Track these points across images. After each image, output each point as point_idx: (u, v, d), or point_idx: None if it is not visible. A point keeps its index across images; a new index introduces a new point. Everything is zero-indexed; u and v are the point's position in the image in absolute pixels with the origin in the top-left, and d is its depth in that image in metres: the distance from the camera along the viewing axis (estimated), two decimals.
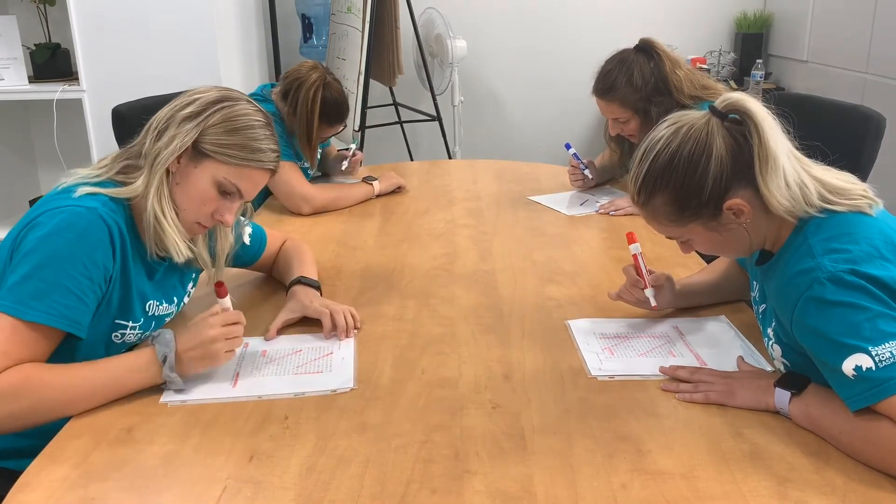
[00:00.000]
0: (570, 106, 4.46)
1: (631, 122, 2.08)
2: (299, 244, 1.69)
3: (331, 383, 1.25)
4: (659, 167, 1.14)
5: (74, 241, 1.16)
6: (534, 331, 1.44)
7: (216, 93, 1.30)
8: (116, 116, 2.20)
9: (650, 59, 2.03)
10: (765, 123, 1.09)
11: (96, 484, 1.00)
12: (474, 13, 4.38)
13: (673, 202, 1.15)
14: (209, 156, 1.26)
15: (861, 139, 1.92)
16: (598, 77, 2.08)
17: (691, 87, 2.00)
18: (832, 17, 3.66)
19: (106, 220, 1.20)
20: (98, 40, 3.05)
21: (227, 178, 1.27)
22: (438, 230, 2.07)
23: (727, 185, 1.12)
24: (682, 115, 1.17)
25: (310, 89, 2.21)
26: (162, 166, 1.25)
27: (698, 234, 1.19)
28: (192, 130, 1.25)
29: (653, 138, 1.17)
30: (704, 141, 1.12)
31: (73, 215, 1.18)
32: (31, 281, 1.12)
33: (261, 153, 1.28)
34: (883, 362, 0.96)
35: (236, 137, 1.26)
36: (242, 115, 1.28)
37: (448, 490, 0.98)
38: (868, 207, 1.10)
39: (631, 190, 1.21)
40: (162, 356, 1.19)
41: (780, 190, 1.09)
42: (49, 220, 1.17)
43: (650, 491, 0.97)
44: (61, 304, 1.14)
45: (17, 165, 3.58)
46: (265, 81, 3.97)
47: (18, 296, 1.12)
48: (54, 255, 1.14)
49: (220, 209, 1.30)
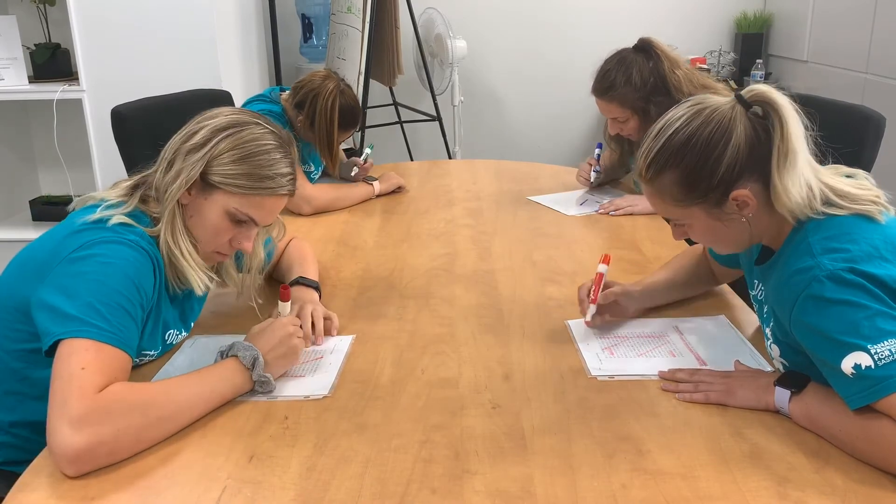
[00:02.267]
0: (571, 106, 4.46)
1: (630, 122, 2.08)
2: (301, 244, 1.69)
3: (306, 389, 1.24)
4: (675, 145, 1.13)
5: (127, 271, 1.15)
6: (534, 331, 1.44)
7: (225, 118, 1.26)
8: (116, 117, 2.20)
9: (649, 59, 2.03)
10: (790, 118, 1.09)
11: (96, 484, 1.00)
12: (474, 13, 4.38)
13: (681, 182, 1.14)
14: (218, 187, 1.24)
15: (861, 139, 1.92)
16: (596, 77, 2.08)
17: (690, 86, 2.00)
18: (832, 17, 3.66)
19: (149, 253, 1.20)
20: (98, 40, 3.05)
21: (237, 209, 1.25)
22: (438, 230, 2.07)
23: (738, 174, 1.11)
24: (705, 98, 1.16)
25: (327, 100, 2.20)
26: (171, 202, 1.23)
27: (698, 220, 1.18)
28: (198, 163, 1.22)
29: (672, 116, 1.16)
30: (726, 126, 1.11)
31: (120, 246, 1.16)
32: (97, 307, 1.09)
33: (270, 180, 1.25)
34: (882, 360, 0.96)
35: (244, 166, 1.23)
36: (250, 140, 1.24)
37: (448, 490, 0.98)
38: (878, 213, 1.09)
39: (640, 164, 1.19)
40: (251, 360, 1.18)
41: (794, 186, 1.08)
42: (99, 251, 1.14)
43: (650, 491, 0.97)
44: (124, 328, 1.12)
45: (17, 165, 3.58)
46: (265, 81, 3.97)
47: (91, 321, 1.08)
48: (113, 283, 1.12)
49: (237, 237, 1.28)
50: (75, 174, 3.47)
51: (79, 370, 1.03)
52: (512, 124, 4.61)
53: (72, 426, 0.98)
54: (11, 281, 1.21)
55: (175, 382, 1.14)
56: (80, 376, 1.03)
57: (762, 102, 1.12)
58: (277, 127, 1.31)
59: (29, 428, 1.23)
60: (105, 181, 3.17)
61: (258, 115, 1.31)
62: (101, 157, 3.15)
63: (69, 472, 0.99)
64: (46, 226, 3.33)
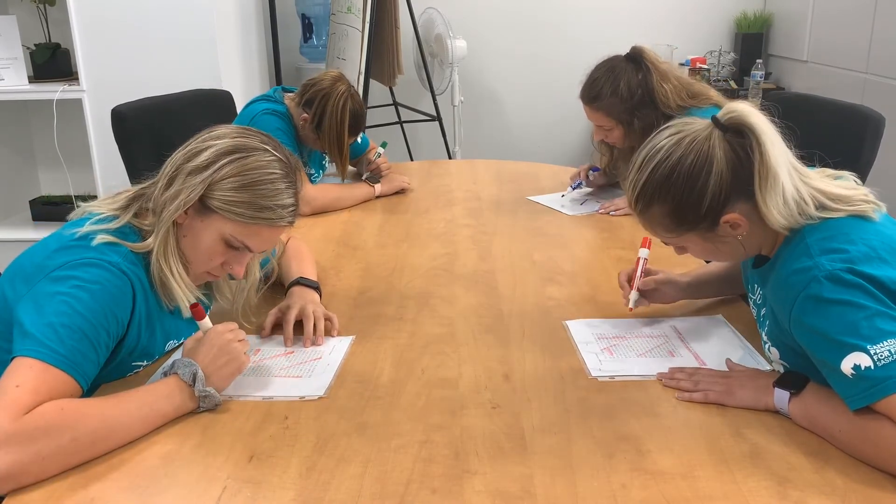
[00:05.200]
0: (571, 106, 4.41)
1: (614, 131, 2.09)
2: (299, 245, 1.69)
3: (302, 389, 1.23)
4: (658, 178, 1.14)
5: (100, 296, 1.13)
6: (534, 331, 1.44)
7: (231, 141, 1.23)
8: (116, 117, 2.20)
9: (638, 70, 2.03)
10: (766, 139, 1.09)
11: (96, 484, 1.00)
12: (474, 13, 4.38)
13: (670, 214, 1.16)
14: (216, 212, 1.21)
15: (861, 139, 1.92)
16: (585, 82, 2.09)
17: (678, 99, 2.00)
18: (832, 17, 3.66)
19: (129, 276, 1.18)
20: (98, 40, 3.05)
21: (233, 236, 1.22)
22: (438, 230, 2.07)
23: (725, 200, 1.12)
24: (684, 124, 1.17)
25: (338, 102, 2.20)
26: (167, 222, 1.21)
27: (694, 243, 1.21)
28: (199, 186, 1.19)
29: (654, 146, 1.17)
30: (706, 154, 1.11)
31: (99, 270, 1.14)
32: (57, 329, 1.08)
33: (271, 210, 1.22)
34: (881, 361, 0.96)
35: (245, 194, 1.20)
36: (255, 168, 1.21)
37: (448, 490, 0.98)
38: (871, 211, 1.10)
39: (629, 196, 1.21)
40: (190, 375, 1.14)
41: (777, 207, 1.09)
42: (77, 273, 1.13)
43: (650, 491, 0.97)
44: (81, 355, 1.10)
45: (17, 165, 3.58)
46: (265, 81, 3.97)
47: (45, 342, 1.07)
48: (81, 308, 1.10)
49: (229, 261, 1.27)
50: (75, 174, 3.47)
51: (12, 387, 1.01)
52: (512, 124, 4.61)
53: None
54: (7, 287, 1.20)
55: (111, 402, 1.09)
56: (11, 393, 1.00)
57: (737, 125, 1.12)
58: (286, 153, 1.28)
59: None
60: (105, 181, 3.17)
61: (266, 139, 1.27)
62: (101, 157, 3.15)
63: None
64: (46, 226, 3.36)
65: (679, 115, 1.93)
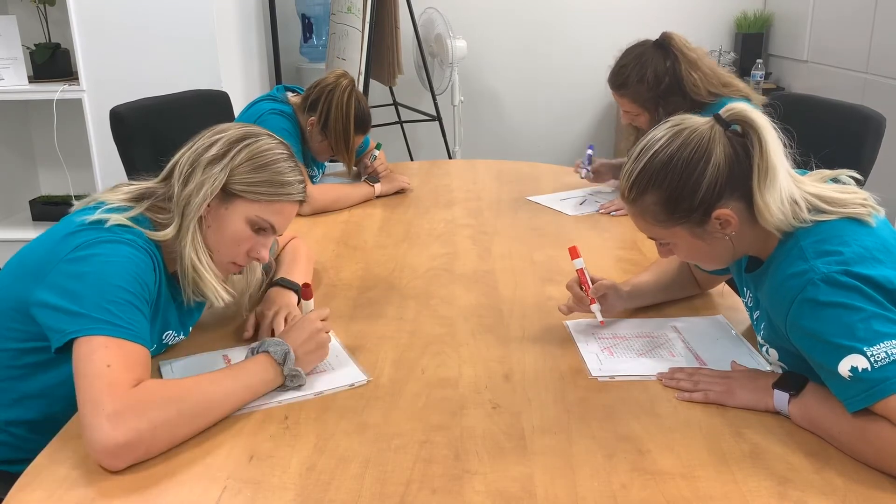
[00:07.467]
0: (571, 106, 4.46)
1: (641, 117, 2.09)
2: (298, 245, 1.68)
3: (343, 380, 1.26)
4: (655, 166, 1.14)
5: (128, 266, 1.15)
6: (534, 331, 1.44)
7: (237, 130, 1.29)
8: (115, 117, 2.20)
9: (666, 58, 2.01)
10: (768, 136, 1.09)
11: (96, 484, 1.00)
12: (474, 13, 4.38)
13: (663, 203, 1.15)
14: (240, 196, 1.26)
15: (861, 139, 1.92)
16: (613, 69, 2.08)
17: (709, 85, 1.98)
18: (832, 17, 3.66)
19: (148, 251, 1.20)
20: (98, 40, 3.05)
21: (259, 216, 1.27)
22: (438, 230, 2.07)
23: (719, 193, 1.12)
24: (684, 118, 1.17)
25: (343, 94, 2.21)
26: (195, 214, 1.23)
27: (681, 239, 1.19)
28: (221, 173, 1.24)
29: (651, 137, 1.17)
30: (705, 147, 1.12)
31: (120, 245, 1.16)
32: (106, 306, 1.10)
33: (289, 185, 1.29)
34: (878, 362, 0.96)
35: (264, 174, 1.26)
36: (266, 150, 1.28)
37: (448, 490, 0.98)
38: (867, 216, 1.09)
39: (622, 185, 1.20)
40: (282, 355, 1.19)
41: (775, 203, 1.09)
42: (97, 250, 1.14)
43: (650, 491, 0.97)
44: (138, 324, 1.12)
45: (17, 165, 3.58)
46: (265, 81, 3.97)
47: (103, 318, 1.09)
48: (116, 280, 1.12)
49: (256, 246, 1.30)
50: (75, 174, 3.47)
51: (105, 368, 1.05)
52: (512, 124, 4.61)
53: (110, 422, 1.00)
54: (9, 280, 1.21)
55: (206, 378, 1.15)
56: (108, 374, 1.04)
57: (740, 121, 1.13)
58: (280, 139, 1.34)
59: (25, 427, 1.23)
60: (105, 181, 3.17)
61: (265, 129, 1.34)
62: (100, 157, 3.15)
63: (111, 467, 1.01)
64: (46, 226, 3.31)
65: (711, 105, 1.94)
